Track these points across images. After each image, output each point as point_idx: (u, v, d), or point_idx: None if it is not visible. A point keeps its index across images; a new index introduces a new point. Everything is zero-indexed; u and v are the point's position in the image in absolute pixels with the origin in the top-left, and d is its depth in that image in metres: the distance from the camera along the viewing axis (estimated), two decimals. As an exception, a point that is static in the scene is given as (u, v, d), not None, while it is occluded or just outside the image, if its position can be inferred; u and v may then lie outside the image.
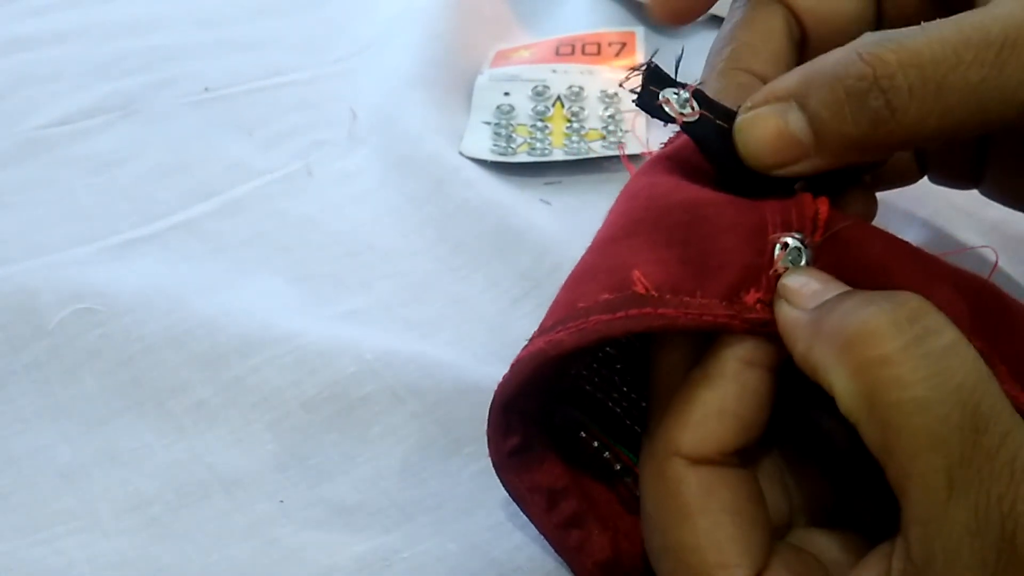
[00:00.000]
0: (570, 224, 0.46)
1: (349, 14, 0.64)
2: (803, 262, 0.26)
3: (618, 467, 0.30)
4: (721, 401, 0.25)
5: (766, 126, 0.26)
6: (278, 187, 0.49)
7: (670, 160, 0.30)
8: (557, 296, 0.28)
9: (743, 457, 0.26)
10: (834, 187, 0.28)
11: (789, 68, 0.28)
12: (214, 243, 0.46)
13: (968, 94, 0.24)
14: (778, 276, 0.26)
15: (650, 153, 0.49)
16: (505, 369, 0.28)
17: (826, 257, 0.26)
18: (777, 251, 0.26)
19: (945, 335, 0.22)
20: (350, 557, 0.32)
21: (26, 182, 0.50)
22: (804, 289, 0.25)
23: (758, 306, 0.25)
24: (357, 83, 0.57)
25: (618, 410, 0.30)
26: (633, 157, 0.50)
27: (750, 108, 0.27)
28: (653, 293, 0.25)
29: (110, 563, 0.32)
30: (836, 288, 0.24)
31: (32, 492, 0.35)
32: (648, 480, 0.26)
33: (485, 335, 0.41)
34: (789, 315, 0.24)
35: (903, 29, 0.25)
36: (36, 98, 0.55)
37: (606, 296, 0.26)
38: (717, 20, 0.60)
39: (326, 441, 0.36)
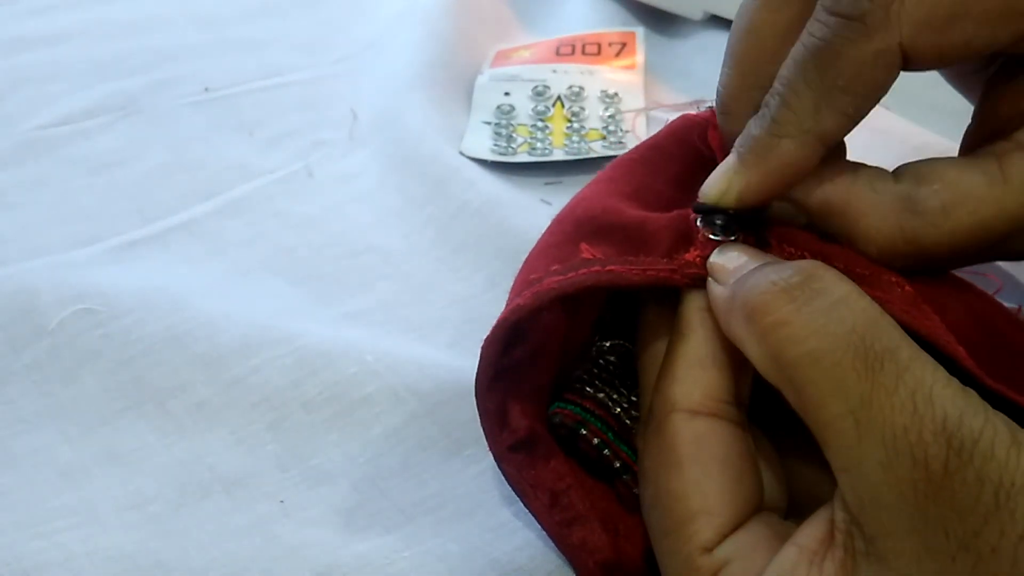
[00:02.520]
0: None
1: (349, 14, 0.64)
2: (733, 237, 0.27)
3: (617, 464, 0.30)
4: (696, 349, 0.27)
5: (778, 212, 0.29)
6: (278, 187, 0.49)
7: (635, 162, 0.33)
8: (515, 279, 0.30)
9: (740, 414, 0.27)
10: None
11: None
12: (215, 243, 0.46)
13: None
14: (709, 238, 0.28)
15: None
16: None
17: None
18: (700, 223, 0.28)
19: (835, 290, 0.23)
20: (351, 555, 0.32)
21: (27, 182, 0.50)
22: (728, 264, 0.26)
23: (698, 260, 0.27)
24: (357, 83, 0.57)
25: (618, 410, 0.30)
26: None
27: None
28: (600, 256, 0.28)
29: (109, 557, 0.32)
30: (757, 261, 0.26)
31: (32, 490, 0.34)
32: (647, 441, 0.27)
33: (486, 335, 0.40)
34: (713, 291, 0.26)
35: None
36: (36, 98, 0.55)
37: (556, 267, 0.28)
38: (717, 20, 0.60)
39: (327, 441, 0.36)
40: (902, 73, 0.26)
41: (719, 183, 0.28)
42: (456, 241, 0.45)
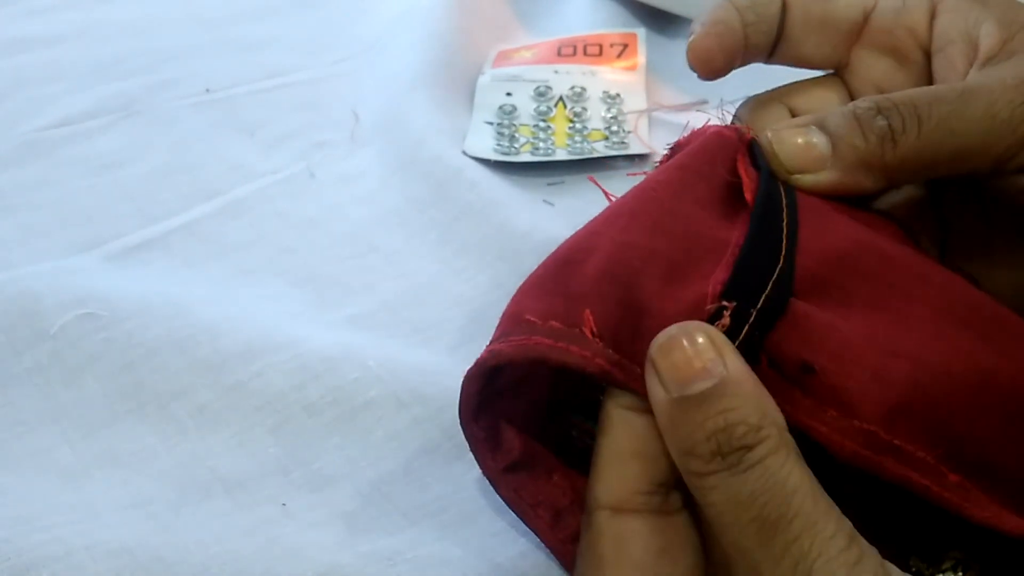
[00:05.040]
0: (573, 224, 0.45)
1: (350, 15, 0.64)
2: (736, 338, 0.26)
3: None
4: (616, 444, 0.26)
5: (793, 137, 0.31)
6: (280, 188, 0.49)
7: (662, 185, 0.31)
8: (510, 303, 0.29)
9: (670, 498, 0.27)
10: None
11: None
12: (216, 245, 0.46)
13: (941, 122, 0.30)
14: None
15: (653, 153, 0.50)
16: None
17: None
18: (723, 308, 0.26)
19: (755, 453, 0.24)
20: (353, 555, 0.32)
21: (27, 184, 0.50)
22: (669, 368, 0.25)
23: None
24: (359, 84, 0.57)
25: None
26: (634, 157, 0.50)
27: (777, 128, 0.31)
28: (596, 340, 0.26)
29: (109, 552, 0.31)
30: (704, 371, 0.24)
31: (33, 489, 0.34)
32: (581, 534, 0.28)
33: (489, 338, 0.40)
34: (653, 392, 0.25)
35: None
36: (37, 99, 0.55)
37: (554, 324, 0.27)
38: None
39: (329, 445, 0.36)
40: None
41: None
42: (458, 243, 0.45)
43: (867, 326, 0.27)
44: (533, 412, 0.30)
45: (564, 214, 0.47)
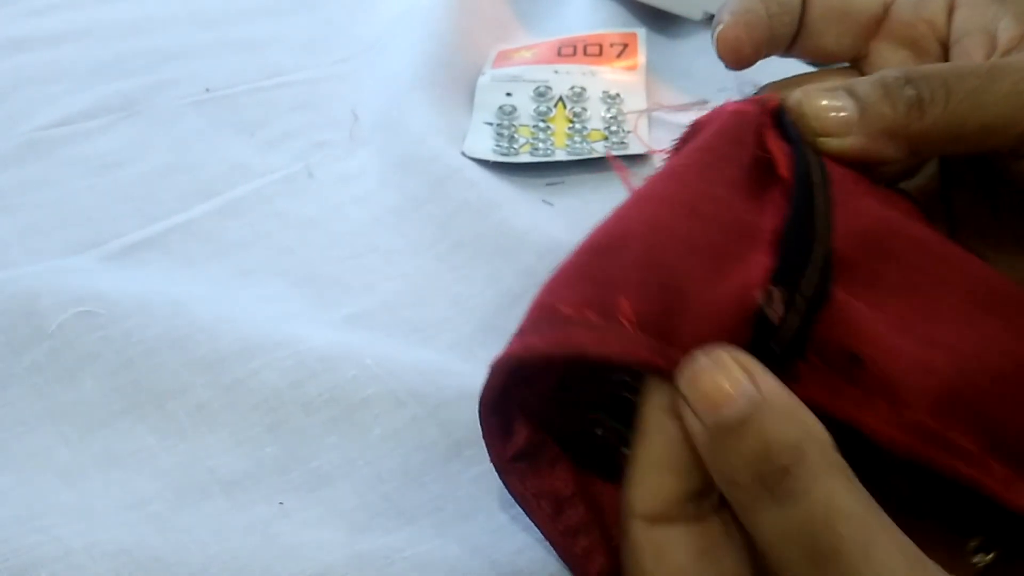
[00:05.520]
0: (572, 224, 0.46)
1: (350, 14, 0.64)
2: (786, 327, 0.25)
3: None
4: (654, 452, 0.26)
5: (822, 99, 0.31)
6: (279, 188, 0.49)
7: (690, 169, 0.30)
8: (539, 292, 0.28)
9: (704, 503, 0.26)
10: None
11: None
12: (215, 245, 0.46)
13: (969, 95, 0.30)
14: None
15: (653, 152, 0.50)
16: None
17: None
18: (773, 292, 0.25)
19: (795, 479, 0.23)
20: (351, 554, 0.32)
21: (27, 184, 0.49)
22: (699, 397, 0.24)
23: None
24: (358, 84, 0.57)
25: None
26: (634, 157, 0.50)
27: (806, 89, 0.31)
28: (635, 331, 0.25)
29: (107, 552, 0.31)
30: (736, 396, 0.24)
31: (31, 489, 0.34)
32: (620, 542, 0.27)
33: (488, 336, 0.40)
34: (689, 423, 0.25)
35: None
36: (36, 99, 0.55)
37: (590, 314, 0.26)
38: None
39: (326, 444, 0.36)
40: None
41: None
42: (455, 238, 0.45)
43: (902, 313, 0.27)
44: (540, 401, 0.30)
45: (563, 214, 0.47)
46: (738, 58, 0.35)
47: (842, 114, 0.31)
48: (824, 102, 0.31)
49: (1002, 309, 0.28)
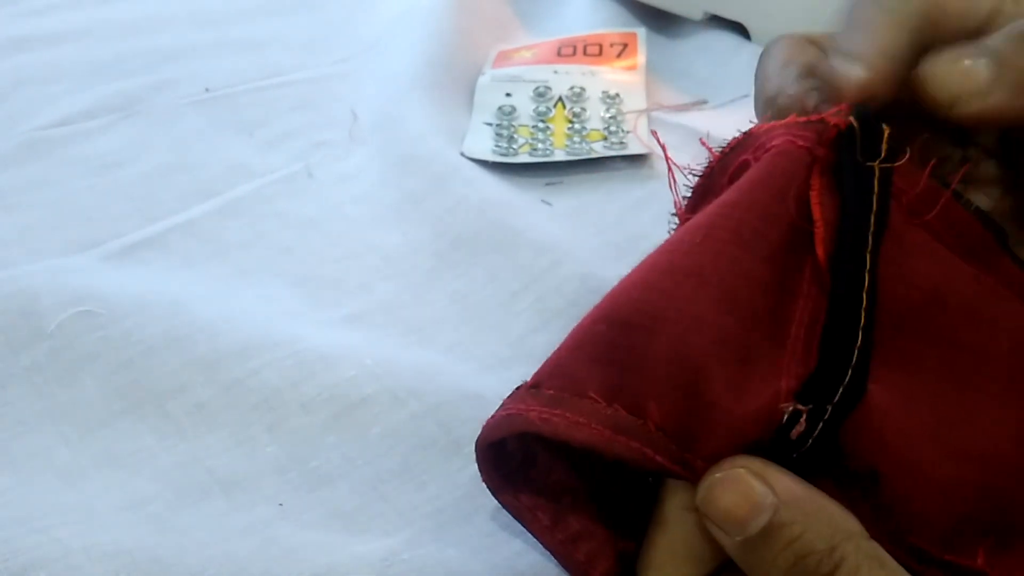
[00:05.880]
0: (571, 224, 0.46)
1: (350, 15, 0.64)
2: (806, 445, 0.25)
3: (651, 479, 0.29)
4: (671, 544, 0.26)
5: (950, 64, 0.28)
6: (278, 188, 0.49)
7: (726, 240, 0.27)
8: (562, 351, 0.27)
9: None
10: None
11: None
12: (214, 245, 0.46)
13: None
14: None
15: (652, 153, 0.50)
16: (506, 373, 0.28)
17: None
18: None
19: None
20: (350, 556, 0.32)
21: (27, 183, 0.50)
22: (721, 516, 0.24)
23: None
24: (358, 84, 0.57)
25: None
26: (634, 158, 0.50)
27: (931, 63, 0.28)
28: (659, 434, 0.25)
29: (106, 553, 0.31)
30: (755, 510, 0.24)
31: (30, 490, 0.34)
32: None
33: (486, 335, 0.40)
34: (718, 537, 0.25)
35: None
36: (36, 99, 0.55)
37: (619, 410, 0.25)
38: (717, 20, 0.60)
39: (326, 443, 0.36)
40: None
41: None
42: (453, 235, 0.45)
43: (937, 409, 0.26)
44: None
45: (562, 214, 0.47)
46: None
47: (977, 77, 0.28)
48: (954, 66, 0.28)
49: None
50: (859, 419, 0.25)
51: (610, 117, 0.53)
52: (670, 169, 0.30)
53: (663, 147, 0.31)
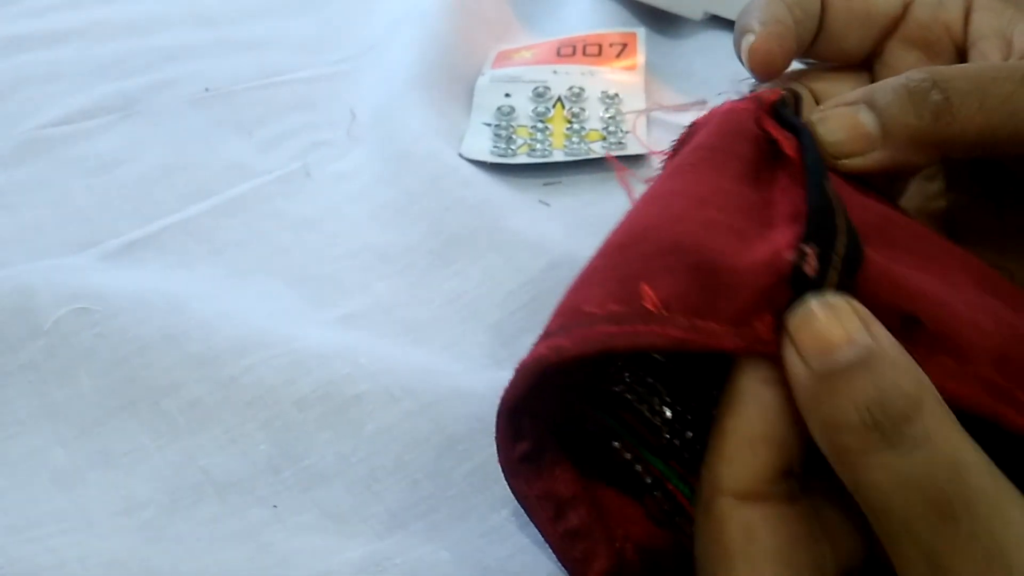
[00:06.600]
0: (569, 224, 0.46)
1: (350, 15, 0.64)
2: (826, 281, 0.24)
3: (649, 480, 0.29)
4: (748, 427, 0.25)
5: (840, 119, 0.30)
6: (276, 187, 0.49)
7: (695, 167, 0.29)
8: (563, 297, 0.27)
9: (793, 485, 0.25)
10: None
11: None
12: (212, 244, 0.45)
13: (1005, 101, 0.28)
14: (789, 301, 0.24)
15: (652, 153, 0.50)
16: (500, 373, 0.28)
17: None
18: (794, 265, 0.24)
19: (916, 428, 0.22)
20: (343, 562, 0.32)
21: (25, 183, 0.50)
22: (810, 340, 0.23)
23: (770, 335, 0.24)
24: (357, 84, 0.57)
25: (657, 421, 0.29)
26: (633, 158, 0.50)
27: (822, 110, 0.30)
28: (663, 312, 0.25)
29: (101, 563, 0.31)
30: (850, 342, 0.23)
31: (26, 494, 0.34)
32: (698, 518, 0.26)
33: (482, 335, 0.40)
34: (793, 369, 0.24)
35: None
36: (36, 98, 0.55)
37: (613, 307, 0.25)
38: (717, 20, 0.60)
39: (319, 440, 0.36)
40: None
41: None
42: (449, 233, 0.45)
43: (933, 283, 0.26)
44: (546, 403, 0.29)
45: (560, 214, 0.47)
46: (770, 71, 0.33)
47: (863, 131, 0.29)
48: (844, 121, 0.29)
49: (1009, 299, 0.28)
50: (873, 276, 0.25)
51: (609, 117, 0.53)
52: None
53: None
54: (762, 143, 0.29)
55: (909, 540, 0.22)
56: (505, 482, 0.29)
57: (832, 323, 0.23)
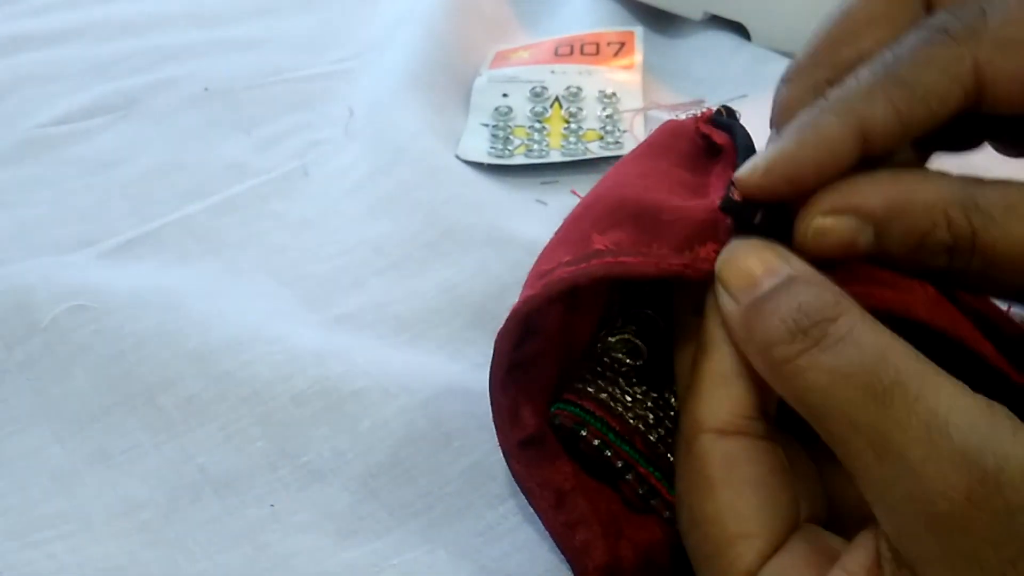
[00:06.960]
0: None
1: (349, 15, 0.64)
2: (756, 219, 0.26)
3: (619, 464, 0.30)
4: (720, 364, 0.26)
5: (839, 238, 0.25)
6: (274, 187, 0.49)
7: (636, 157, 0.33)
8: (529, 273, 0.30)
9: (769, 428, 0.26)
10: None
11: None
12: (209, 243, 0.46)
13: None
14: (729, 227, 0.26)
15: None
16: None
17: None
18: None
19: (840, 325, 0.23)
20: (340, 563, 0.32)
21: (25, 181, 0.50)
22: (738, 277, 0.25)
23: (712, 256, 0.26)
24: (356, 84, 0.57)
25: (620, 409, 0.30)
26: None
27: (826, 212, 0.25)
28: (612, 247, 0.27)
29: (99, 568, 0.31)
30: (769, 273, 0.25)
31: (24, 495, 0.34)
32: (679, 461, 0.27)
33: (477, 333, 0.40)
34: (726, 308, 0.25)
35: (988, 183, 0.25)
36: (35, 98, 0.55)
37: (568, 258, 0.28)
38: (717, 20, 0.60)
39: (316, 436, 0.36)
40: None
41: (753, 159, 0.26)
42: (445, 225, 0.45)
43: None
44: (543, 396, 0.31)
45: (557, 213, 0.47)
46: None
47: (858, 251, 0.26)
48: (844, 240, 0.25)
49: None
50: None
51: (607, 116, 0.53)
52: None
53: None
54: (698, 142, 0.32)
55: (852, 431, 0.22)
56: (501, 479, 0.30)
57: (752, 259, 0.25)
